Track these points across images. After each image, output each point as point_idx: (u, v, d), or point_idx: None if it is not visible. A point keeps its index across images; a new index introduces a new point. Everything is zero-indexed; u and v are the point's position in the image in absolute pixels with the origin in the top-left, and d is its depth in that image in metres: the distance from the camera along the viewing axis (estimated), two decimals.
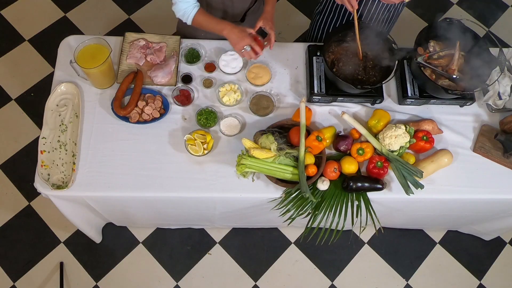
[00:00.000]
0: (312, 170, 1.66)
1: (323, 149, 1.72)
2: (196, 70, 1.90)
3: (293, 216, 1.72)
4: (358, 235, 2.38)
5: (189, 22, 1.68)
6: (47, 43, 2.91)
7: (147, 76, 1.86)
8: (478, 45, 1.83)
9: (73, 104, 1.80)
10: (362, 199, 1.73)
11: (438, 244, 2.57)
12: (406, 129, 1.75)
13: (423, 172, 1.70)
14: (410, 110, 1.90)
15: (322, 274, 2.46)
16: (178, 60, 1.89)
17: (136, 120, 1.76)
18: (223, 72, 1.88)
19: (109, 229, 2.42)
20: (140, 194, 1.70)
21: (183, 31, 1.99)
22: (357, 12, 1.70)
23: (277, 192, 1.72)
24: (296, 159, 1.68)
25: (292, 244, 2.51)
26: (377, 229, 1.80)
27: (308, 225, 1.75)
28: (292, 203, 1.71)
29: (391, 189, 1.75)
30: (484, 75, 1.79)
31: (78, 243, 2.43)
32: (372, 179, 1.71)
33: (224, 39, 1.96)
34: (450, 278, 2.50)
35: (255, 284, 2.42)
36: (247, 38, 1.66)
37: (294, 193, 1.70)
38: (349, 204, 1.73)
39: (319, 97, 1.83)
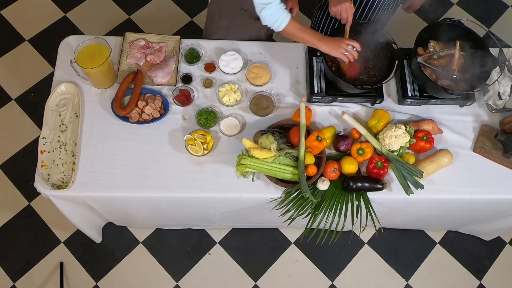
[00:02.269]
0: (312, 170, 1.66)
1: (323, 149, 1.72)
2: (196, 70, 1.90)
3: (293, 216, 1.72)
4: (358, 235, 2.38)
5: (279, 30, 1.66)
6: (47, 43, 2.90)
7: (147, 76, 1.86)
8: (478, 45, 1.83)
9: (73, 104, 1.80)
10: (362, 199, 1.73)
11: (438, 244, 2.56)
12: (406, 129, 1.74)
13: (423, 172, 1.70)
14: (410, 110, 1.90)
15: (322, 274, 2.46)
16: (178, 60, 1.89)
17: (136, 120, 1.76)
18: (223, 72, 1.88)
19: (109, 229, 2.42)
20: (140, 194, 1.70)
21: (211, 33, 2.02)
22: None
23: (277, 192, 1.72)
24: (296, 159, 1.68)
25: (292, 244, 2.51)
26: (377, 229, 1.80)
27: (308, 225, 1.75)
28: (292, 203, 1.71)
29: (391, 189, 1.75)
30: (484, 75, 1.79)
31: (78, 243, 2.43)
32: (372, 179, 1.71)
33: (224, 39, 1.97)
34: (450, 278, 2.50)
35: (255, 284, 2.42)
36: (343, 42, 1.67)
37: (294, 193, 1.70)
38: (349, 204, 1.72)
39: (319, 97, 1.83)
